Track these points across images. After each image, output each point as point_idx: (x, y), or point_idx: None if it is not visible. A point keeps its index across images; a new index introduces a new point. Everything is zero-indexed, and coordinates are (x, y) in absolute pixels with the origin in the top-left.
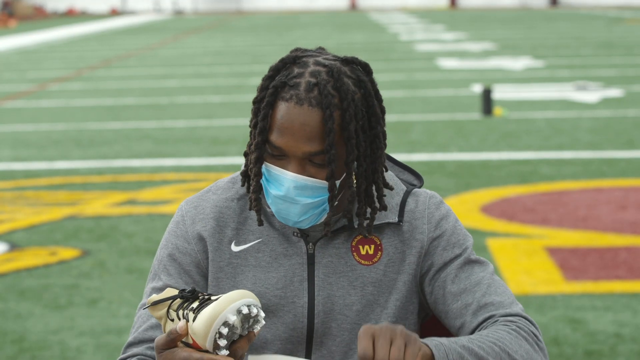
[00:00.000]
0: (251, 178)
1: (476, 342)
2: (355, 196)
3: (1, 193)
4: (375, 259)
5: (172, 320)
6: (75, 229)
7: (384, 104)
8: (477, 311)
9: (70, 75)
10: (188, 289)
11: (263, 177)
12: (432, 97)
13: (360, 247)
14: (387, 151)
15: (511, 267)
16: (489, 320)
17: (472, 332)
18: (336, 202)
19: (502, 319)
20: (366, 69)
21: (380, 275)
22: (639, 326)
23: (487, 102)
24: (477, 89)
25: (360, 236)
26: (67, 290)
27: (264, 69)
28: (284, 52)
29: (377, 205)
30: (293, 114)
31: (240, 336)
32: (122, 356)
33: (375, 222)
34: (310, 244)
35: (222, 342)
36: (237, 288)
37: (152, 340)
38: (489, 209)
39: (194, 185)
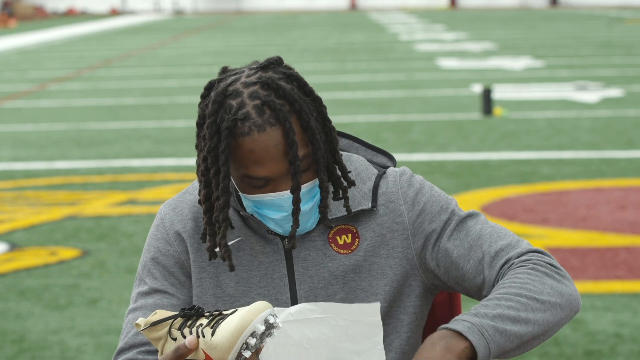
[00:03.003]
0: (219, 224)
1: (504, 303)
2: (329, 194)
3: (1, 193)
4: (354, 247)
5: (175, 339)
6: (75, 229)
7: (384, 104)
8: (491, 262)
9: (70, 75)
10: (188, 307)
11: (253, 208)
12: (432, 97)
13: (338, 237)
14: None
15: None
16: (505, 266)
17: (495, 283)
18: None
19: (517, 260)
20: (279, 61)
21: (361, 261)
22: (639, 326)
23: (487, 102)
24: (477, 89)
25: (337, 227)
26: (67, 290)
27: None
28: (283, 52)
29: (345, 183)
30: (262, 142)
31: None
32: None
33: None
34: (286, 239)
35: (247, 354)
36: (221, 288)
37: (142, 344)
38: (489, 209)
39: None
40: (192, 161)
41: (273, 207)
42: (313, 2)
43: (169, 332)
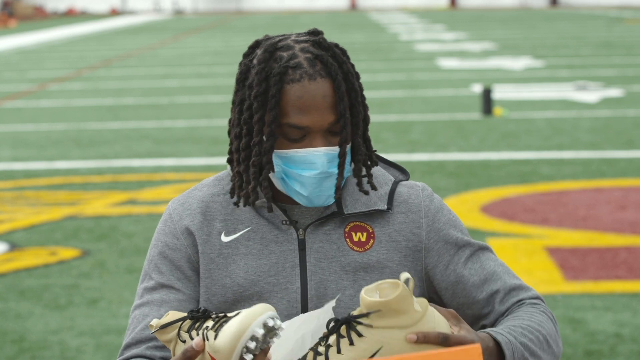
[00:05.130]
0: (263, 166)
1: (528, 334)
2: (364, 159)
3: (1, 193)
4: (368, 246)
5: (184, 341)
6: (75, 229)
7: (384, 104)
8: (503, 298)
9: (70, 75)
10: (196, 309)
11: (283, 167)
12: (432, 97)
13: (353, 233)
14: (386, 151)
15: (511, 267)
16: (517, 304)
17: (501, 316)
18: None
19: (529, 301)
20: (323, 34)
21: (373, 262)
22: (638, 326)
23: (487, 102)
24: (477, 89)
25: (353, 223)
26: (67, 290)
27: None
28: None
29: (369, 162)
30: (311, 90)
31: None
32: (120, 358)
33: (365, 209)
34: (301, 230)
35: (249, 357)
36: (230, 278)
37: (150, 339)
38: (489, 209)
39: (193, 185)
40: (192, 161)
41: (304, 164)
42: (313, 2)
43: (178, 334)
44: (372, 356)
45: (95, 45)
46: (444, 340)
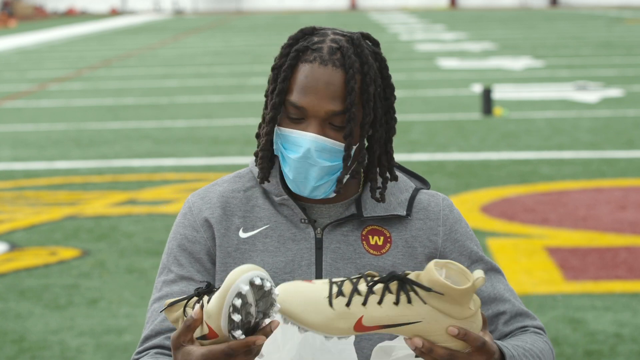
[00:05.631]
0: (261, 137)
1: (529, 357)
2: (365, 163)
3: (1, 193)
4: (384, 250)
5: None
6: (75, 229)
7: None
8: (509, 320)
9: (70, 75)
10: (202, 287)
11: (279, 146)
12: (432, 97)
13: (370, 237)
14: None
15: (511, 267)
16: (520, 329)
17: (503, 337)
18: (350, 165)
19: (533, 329)
20: (377, 44)
21: (388, 266)
22: (638, 326)
23: (487, 102)
24: (477, 89)
25: (370, 227)
26: (67, 290)
27: (264, 69)
28: None
29: (389, 175)
30: (317, 74)
31: (256, 321)
32: (139, 349)
33: (384, 214)
34: (319, 229)
35: (237, 317)
36: None
37: (168, 330)
38: (489, 209)
39: (194, 185)
40: (192, 161)
41: (293, 145)
42: (313, 2)
43: (184, 311)
44: (405, 324)
45: (95, 45)
46: (481, 346)
